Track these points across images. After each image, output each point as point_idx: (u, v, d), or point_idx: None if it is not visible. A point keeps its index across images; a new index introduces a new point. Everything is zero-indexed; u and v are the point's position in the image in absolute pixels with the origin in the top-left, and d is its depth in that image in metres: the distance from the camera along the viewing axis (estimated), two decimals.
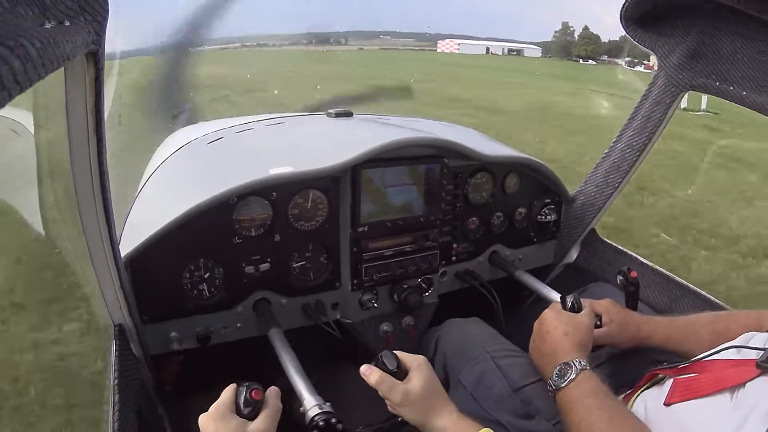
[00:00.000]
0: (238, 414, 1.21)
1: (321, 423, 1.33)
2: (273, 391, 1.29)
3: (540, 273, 2.53)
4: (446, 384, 1.81)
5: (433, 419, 1.31)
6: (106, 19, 0.87)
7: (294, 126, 2.78)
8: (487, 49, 76.46)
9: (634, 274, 1.77)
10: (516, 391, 1.63)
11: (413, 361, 1.38)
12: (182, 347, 1.82)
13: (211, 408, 1.21)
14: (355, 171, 1.90)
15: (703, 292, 2.06)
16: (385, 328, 2.17)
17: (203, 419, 1.20)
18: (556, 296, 2.06)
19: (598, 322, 1.69)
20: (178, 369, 2.08)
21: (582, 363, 1.37)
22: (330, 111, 2.72)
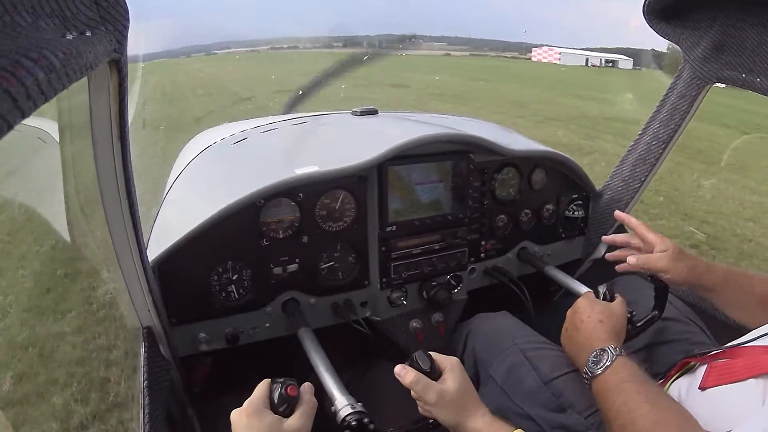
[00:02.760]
0: (272, 410, 1.20)
1: (353, 423, 1.32)
2: (308, 387, 1.28)
3: (568, 268, 2.51)
4: (477, 379, 1.81)
5: (466, 420, 1.31)
6: (127, 27, 0.87)
7: (319, 125, 2.79)
8: (587, 60, 65.25)
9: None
10: (546, 384, 1.62)
11: (447, 362, 1.38)
12: (211, 348, 1.83)
13: (245, 403, 1.19)
14: (382, 168, 1.89)
15: None
16: (415, 324, 2.16)
17: (236, 414, 1.18)
18: (584, 290, 2.03)
19: (631, 314, 1.68)
20: (208, 370, 2.09)
21: (618, 349, 1.36)
22: (355, 109, 2.71)
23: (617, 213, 1.86)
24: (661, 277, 1.67)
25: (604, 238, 1.90)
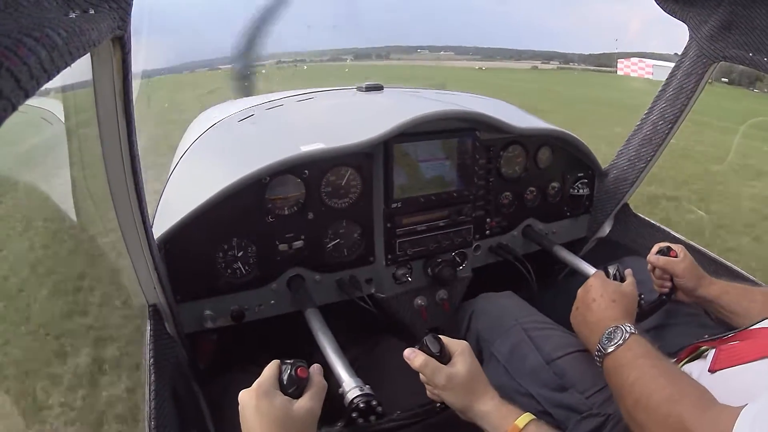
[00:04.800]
0: (281, 391, 1.19)
1: (361, 405, 1.32)
2: (317, 369, 1.27)
3: (573, 247, 2.51)
4: (480, 358, 1.81)
5: (475, 404, 1.30)
6: (130, 4, 0.87)
7: (325, 101, 2.78)
8: None
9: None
10: (549, 363, 1.63)
11: (457, 345, 1.37)
12: (216, 325, 1.83)
13: (254, 384, 1.18)
14: (388, 146, 1.89)
15: (737, 268, 2.03)
16: (419, 302, 2.16)
17: (245, 394, 1.17)
18: (590, 270, 2.05)
19: (641, 296, 1.70)
20: (213, 347, 2.10)
21: (631, 327, 1.36)
22: (360, 85, 2.70)
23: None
24: (675, 281, 1.74)
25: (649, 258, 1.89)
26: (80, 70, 0.96)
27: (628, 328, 1.35)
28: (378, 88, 2.68)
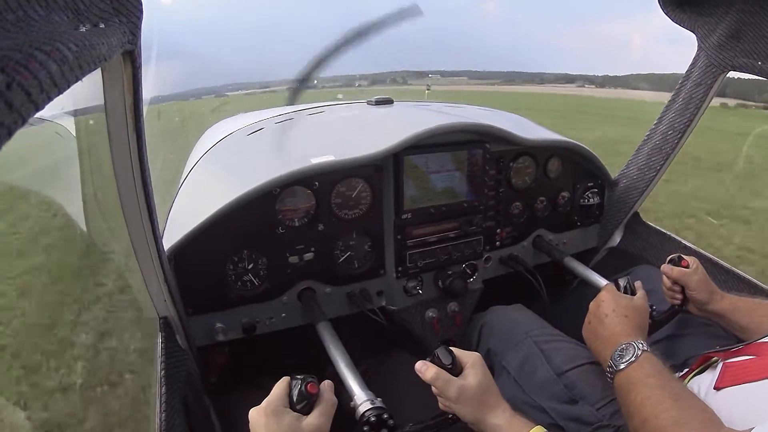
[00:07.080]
0: (291, 408, 1.18)
1: (373, 418, 1.31)
2: (327, 385, 1.26)
3: (583, 257, 2.50)
4: (491, 371, 1.81)
5: (487, 416, 1.29)
6: (140, 18, 0.87)
7: (335, 114, 2.78)
8: None
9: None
10: (559, 376, 1.62)
11: (469, 357, 1.36)
12: (227, 338, 1.83)
13: (264, 402, 1.17)
14: (398, 158, 1.89)
15: (749, 277, 2.01)
16: (431, 314, 2.15)
17: (254, 412, 1.16)
18: (601, 281, 2.04)
19: (652, 308, 1.70)
20: (224, 360, 2.10)
21: (643, 344, 1.36)
22: (370, 99, 2.71)
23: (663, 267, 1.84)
24: (687, 293, 1.73)
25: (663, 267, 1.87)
26: (91, 85, 0.96)
27: (640, 345, 1.35)
28: (388, 101, 2.69)
